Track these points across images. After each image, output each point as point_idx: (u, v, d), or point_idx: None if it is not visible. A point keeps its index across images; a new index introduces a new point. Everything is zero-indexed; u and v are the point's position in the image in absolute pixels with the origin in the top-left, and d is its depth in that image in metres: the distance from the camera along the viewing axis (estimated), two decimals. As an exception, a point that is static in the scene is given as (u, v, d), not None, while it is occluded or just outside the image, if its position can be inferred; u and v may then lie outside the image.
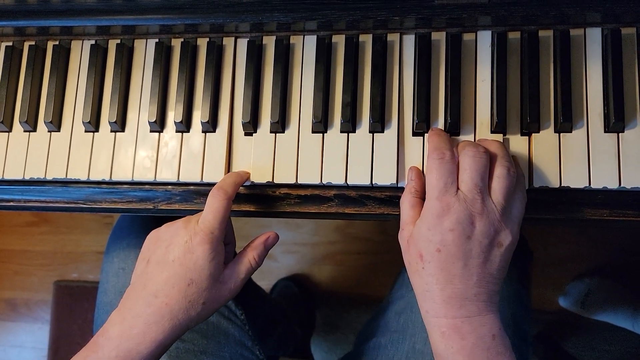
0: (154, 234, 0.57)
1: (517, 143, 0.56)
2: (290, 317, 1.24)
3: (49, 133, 0.64)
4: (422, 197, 0.53)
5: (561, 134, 0.56)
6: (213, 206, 0.54)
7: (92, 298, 1.29)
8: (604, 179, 0.54)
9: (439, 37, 0.59)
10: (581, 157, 0.55)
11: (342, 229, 1.40)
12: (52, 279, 1.54)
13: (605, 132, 0.55)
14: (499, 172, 0.49)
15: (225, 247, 0.58)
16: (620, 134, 0.55)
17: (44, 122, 0.63)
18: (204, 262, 0.52)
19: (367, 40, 0.60)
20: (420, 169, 0.57)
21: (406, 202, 0.53)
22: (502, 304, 0.65)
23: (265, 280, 1.41)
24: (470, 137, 0.57)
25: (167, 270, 0.53)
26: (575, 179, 0.55)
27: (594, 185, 0.54)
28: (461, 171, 0.50)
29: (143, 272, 0.54)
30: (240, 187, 0.60)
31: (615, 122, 0.54)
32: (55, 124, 0.63)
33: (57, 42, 0.65)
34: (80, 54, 0.65)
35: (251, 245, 0.58)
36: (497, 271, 0.49)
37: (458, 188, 0.49)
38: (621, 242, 1.30)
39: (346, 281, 1.40)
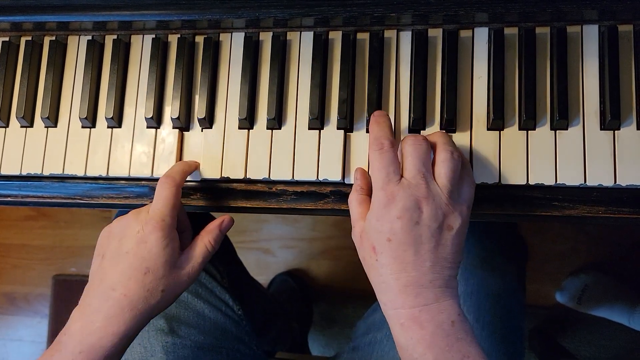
0: (106, 230, 0.57)
1: (514, 140, 0.56)
2: (288, 312, 1.24)
3: (46, 129, 0.64)
4: (368, 193, 0.53)
5: (557, 131, 0.56)
6: (162, 194, 0.54)
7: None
8: (600, 177, 0.54)
9: (436, 34, 0.59)
10: (577, 155, 0.55)
11: (340, 224, 1.40)
12: (51, 273, 1.54)
13: (601, 129, 0.55)
14: (442, 156, 0.50)
15: (181, 234, 0.58)
16: (616, 131, 0.55)
17: (41, 117, 0.63)
18: (158, 250, 0.53)
19: (364, 36, 0.60)
20: None
21: (354, 201, 0.53)
22: (496, 299, 0.66)
23: (263, 275, 1.41)
24: (467, 134, 0.57)
25: (122, 262, 0.53)
26: (570, 177, 0.55)
27: (589, 183, 0.54)
28: (404, 160, 0.50)
29: (99, 268, 0.55)
30: (237, 183, 0.61)
31: (611, 119, 0.54)
32: (52, 120, 0.63)
33: (53, 38, 0.65)
34: (76, 49, 0.65)
35: (206, 229, 0.58)
36: (451, 255, 0.49)
37: (402, 176, 0.50)
38: (618, 238, 1.31)
39: (344, 276, 1.40)
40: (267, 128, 0.60)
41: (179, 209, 0.57)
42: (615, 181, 0.54)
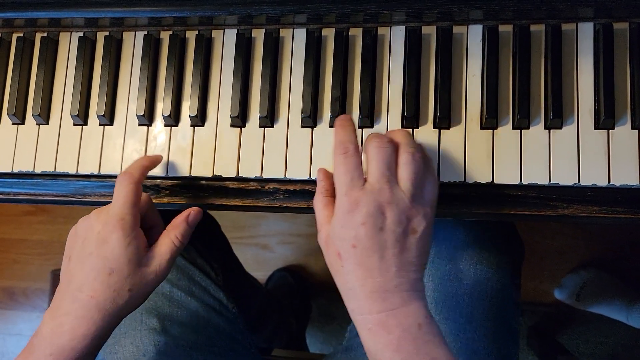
0: (72, 230, 0.56)
1: (508, 138, 0.56)
2: (285, 308, 1.24)
3: (38, 126, 0.63)
4: (333, 195, 0.52)
5: (551, 130, 0.55)
6: (120, 192, 0.53)
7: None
8: (593, 176, 0.54)
9: (430, 31, 0.59)
10: (571, 154, 0.54)
11: (338, 220, 1.40)
12: (50, 268, 1.54)
13: (595, 128, 0.55)
14: (404, 158, 0.49)
15: (151, 230, 0.57)
16: (610, 130, 0.54)
17: (32, 115, 0.63)
18: (120, 250, 0.52)
19: (357, 33, 0.60)
20: None
21: (319, 203, 0.52)
22: (490, 301, 0.65)
23: (261, 271, 1.41)
24: (460, 133, 0.57)
25: (87, 264, 0.53)
26: (564, 176, 0.54)
27: (583, 182, 0.54)
28: (368, 163, 0.49)
29: (66, 270, 0.54)
30: (229, 181, 0.60)
31: (606, 118, 0.53)
32: (44, 117, 0.63)
33: (45, 34, 0.64)
34: (68, 46, 0.64)
35: (172, 223, 0.57)
36: (416, 258, 0.48)
37: (366, 180, 0.49)
38: (617, 236, 1.30)
39: (342, 272, 1.40)
40: (260, 126, 0.60)
41: (144, 205, 0.56)
42: (609, 181, 0.53)
